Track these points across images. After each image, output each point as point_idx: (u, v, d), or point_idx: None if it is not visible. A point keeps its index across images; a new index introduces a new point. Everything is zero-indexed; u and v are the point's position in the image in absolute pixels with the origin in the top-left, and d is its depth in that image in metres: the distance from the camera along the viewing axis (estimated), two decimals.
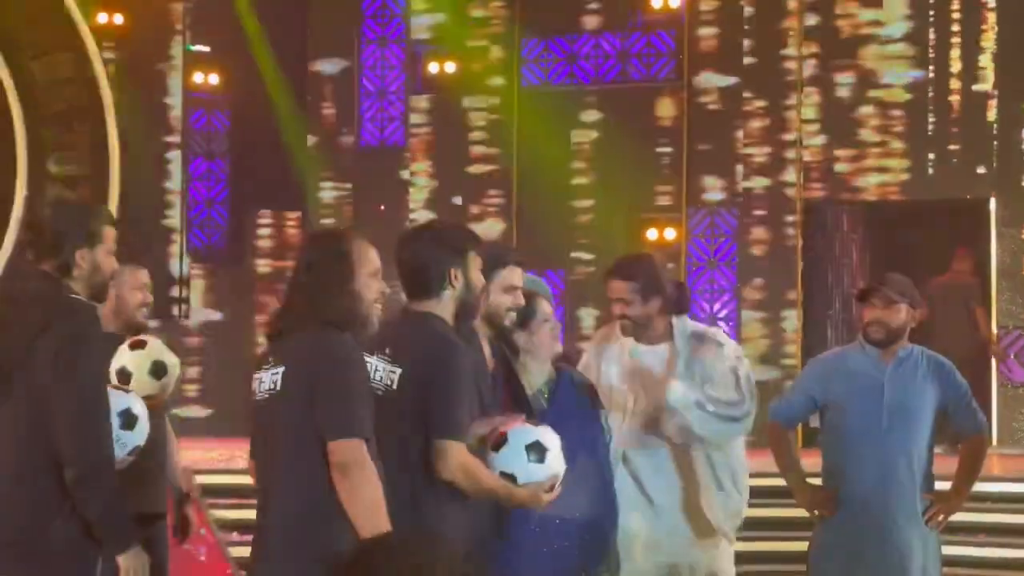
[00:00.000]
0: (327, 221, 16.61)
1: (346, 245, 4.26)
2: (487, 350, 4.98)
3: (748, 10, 15.66)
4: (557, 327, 5.46)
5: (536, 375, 5.33)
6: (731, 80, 15.69)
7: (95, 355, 4.40)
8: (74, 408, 4.20)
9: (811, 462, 6.31)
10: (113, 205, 15.63)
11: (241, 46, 16.91)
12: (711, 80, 15.78)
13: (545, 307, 5.32)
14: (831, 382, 6.03)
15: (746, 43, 15.67)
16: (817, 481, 6.18)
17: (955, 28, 15.13)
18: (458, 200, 16.41)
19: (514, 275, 5.01)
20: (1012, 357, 14.53)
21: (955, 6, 15.15)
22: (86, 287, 4.47)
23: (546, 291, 5.56)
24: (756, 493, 6.36)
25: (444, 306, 4.59)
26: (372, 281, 4.27)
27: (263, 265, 16.80)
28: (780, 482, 6.31)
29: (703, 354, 5.68)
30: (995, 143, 14.96)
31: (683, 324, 5.78)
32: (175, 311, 16.38)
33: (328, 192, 16.93)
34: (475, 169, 16.53)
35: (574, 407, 5.31)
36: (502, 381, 5.07)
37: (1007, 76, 14.88)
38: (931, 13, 15.21)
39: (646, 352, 5.74)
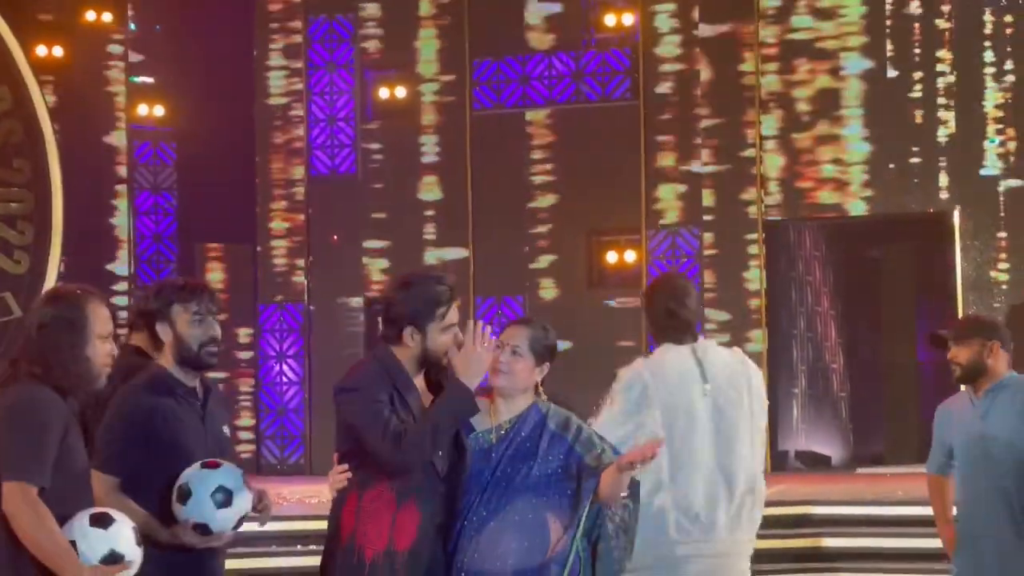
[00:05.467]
0: (279, 252, 16.30)
1: (80, 310, 4.35)
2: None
3: (704, 28, 15.39)
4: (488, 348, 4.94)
5: (504, 411, 4.93)
6: (688, 97, 15.43)
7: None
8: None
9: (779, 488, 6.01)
10: (57, 243, 15.21)
11: (186, 76, 16.50)
12: (667, 98, 15.51)
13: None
14: (948, 426, 6.21)
15: (703, 63, 15.40)
16: None
17: (915, 36, 14.93)
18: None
19: (453, 313, 4.82)
20: None
21: (914, 9, 14.92)
22: None
23: None
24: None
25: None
26: (103, 344, 4.37)
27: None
28: None
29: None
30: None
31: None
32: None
33: (279, 223, 16.54)
34: (428, 196, 16.18)
35: (532, 447, 4.84)
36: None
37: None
38: (887, 23, 14.97)
39: None
